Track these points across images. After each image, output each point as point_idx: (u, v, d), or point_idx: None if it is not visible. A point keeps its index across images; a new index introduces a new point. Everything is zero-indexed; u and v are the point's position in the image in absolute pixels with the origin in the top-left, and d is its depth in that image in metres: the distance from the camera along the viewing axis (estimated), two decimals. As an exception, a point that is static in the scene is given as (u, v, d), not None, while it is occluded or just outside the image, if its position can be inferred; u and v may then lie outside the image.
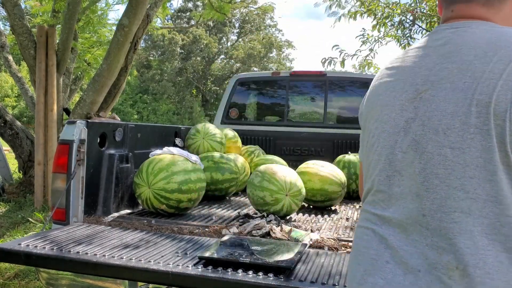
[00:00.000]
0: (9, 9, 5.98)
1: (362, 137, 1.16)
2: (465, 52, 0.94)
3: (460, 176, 0.88)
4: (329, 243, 2.06)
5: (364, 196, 1.08)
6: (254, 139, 4.26)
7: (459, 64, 0.93)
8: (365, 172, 1.11)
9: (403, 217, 0.95)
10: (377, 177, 1.02)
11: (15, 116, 10.93)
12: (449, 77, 0.93)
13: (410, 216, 0.93)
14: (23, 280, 3.50)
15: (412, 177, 0.95)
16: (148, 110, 30.45)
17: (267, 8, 14.55)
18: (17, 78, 7.10)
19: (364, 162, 1.13)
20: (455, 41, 0.98)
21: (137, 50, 6.20)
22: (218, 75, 33.48)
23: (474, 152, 0.87)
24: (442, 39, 1.00)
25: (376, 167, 1.03)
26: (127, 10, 5.28)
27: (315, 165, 2.99)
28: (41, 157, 5.82)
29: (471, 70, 0.90)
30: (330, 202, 2.95)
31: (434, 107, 0.93)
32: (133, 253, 1.81)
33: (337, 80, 4.37)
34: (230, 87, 4.52)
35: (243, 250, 1.80)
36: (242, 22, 34.60)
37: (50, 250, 1.81)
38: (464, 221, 0.87)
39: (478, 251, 0.85)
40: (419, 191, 0.93)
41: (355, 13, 7.15)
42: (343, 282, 1.57)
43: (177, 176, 2.51)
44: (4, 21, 25.07)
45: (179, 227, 2.28)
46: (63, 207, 2.27)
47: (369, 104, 1.11)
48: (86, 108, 5.59)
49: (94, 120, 2.73)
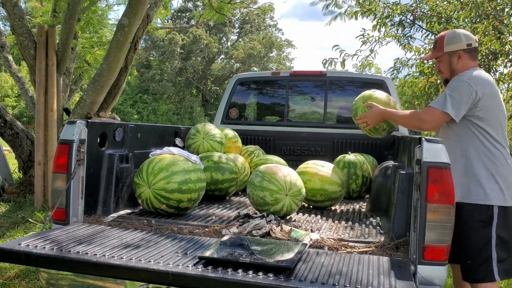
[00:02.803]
0: (9, 9, 5.98)
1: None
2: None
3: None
4: (329, 243, 2.06)
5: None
6: (254, 139, 4.26)
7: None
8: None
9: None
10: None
11: (15, 116, 10.93)
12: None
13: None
14: (23, 280, 3.50)
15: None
16: (148, 110, 30.44)
17: (266, 8, 14.55)
18: (17, 78, 7.10)
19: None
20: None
21: (137, 50, 6.20)
22: (218, 75, 33.46)
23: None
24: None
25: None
26: (127, 10, 5.27)
27: (315, 165, 2.99)
28: (41, 157, 5.82)
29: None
30: (330, 202, 2.95)
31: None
32: (133, 253, 1.81)
33: (337, 80, 4.37)
34: (230, 87, 4.52)
35: (243, 250, 1.80)
36: (242, 22, 34.59)
37: (50, 250, 1.81)
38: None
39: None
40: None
41: (356, 13, 7.15)
42: (343, 282, 1.57)
43: (177, 176, 2.51)
44: (4, 21, 25.06)
45: (179, 227, 2.28)
46: (63, 207, 2.27)
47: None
48: (86, 108, 5.59)
49: (94, 120, 2.73)
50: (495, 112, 2.42)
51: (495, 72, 6.59)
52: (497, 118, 2.43)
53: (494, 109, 2.42)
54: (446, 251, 1.85)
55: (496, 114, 2.43)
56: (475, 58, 2.59)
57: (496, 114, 2.43)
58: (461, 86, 2.39)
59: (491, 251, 2.31)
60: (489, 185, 2.36)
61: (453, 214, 1.85)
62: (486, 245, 2.32)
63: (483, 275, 2.32)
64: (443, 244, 1.84)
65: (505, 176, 2.39)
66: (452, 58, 2.56)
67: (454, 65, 2.56)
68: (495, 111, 2.42)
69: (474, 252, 2.34)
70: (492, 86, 2.45)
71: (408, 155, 2.38)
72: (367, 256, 1.91)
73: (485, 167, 2.38)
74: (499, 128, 2.43)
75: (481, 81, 2.41)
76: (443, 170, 1.86)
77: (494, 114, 2.42)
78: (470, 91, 2.37)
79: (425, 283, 1.81)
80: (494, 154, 2.40)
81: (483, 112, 2.39)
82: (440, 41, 2.60)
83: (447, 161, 1.88)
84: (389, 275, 1.67)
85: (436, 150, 1.89)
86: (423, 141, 1.91)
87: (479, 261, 2.33)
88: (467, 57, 2.55)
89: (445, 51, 2.56)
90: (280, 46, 34.49)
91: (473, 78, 2.41)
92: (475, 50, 2.58)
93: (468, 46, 2.54)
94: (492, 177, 2.38)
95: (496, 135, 2.41)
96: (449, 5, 6.77)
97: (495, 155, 2.40)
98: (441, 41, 2.59)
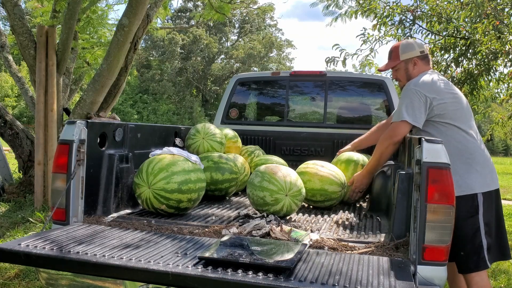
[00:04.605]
0: (9, 9, 5.98)
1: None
2: None
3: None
4: (329, 243, 2.06)
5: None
6: (254, 139, 4.26)
7: None
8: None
9: None
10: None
11: (15, 116, 10.92)
12: None
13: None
14: (23, 280, 3.50)
15: None
16: (148, 110, 30.45)
17: (266, 8, 14.55)
18: (17, 78, 7.10)
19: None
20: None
21: (137, 50, 6.20)
22: (218, 75, 33.47)
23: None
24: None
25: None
26: (127, 10, 5.28)
27: (315, 165, 2.99)
28: (41, 157, 5.82)
29: None
30: (330, 202, 2.95)
31: None
32: (133, 253, 1.81)
33: (337, 80, 4.36)
34: (230, 87, 4.52)
35: (243, 250, 1.80)
36: (242, 22, 34.59)
37: (50, 250, 1.81)
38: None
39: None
40: None
41: (356, 12, 7.15)
42: (343, 282, 1.57)
43: (177, 176, 2.51)
44: (4, 21, 25.06)
45: (179, 227, 2.28)
46: (63, 207, 2.27)
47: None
48: (86, 108, 5.59)
49: (94, 120, 2.73)
50: (454, 106, 2.52)
51: (495, 72, 6.60)
52: (459, 111, 2.53)
53: (453, 104, 2.52)
54: (446, 251, 1.85)
55: (456, 107, 2.53)
56: (428, 63, 2.77)
57: (456, 107, 2.53)
58: (409, 93, 2.55)
59: (481, 239, 2.40)
60: (470, 176, 2.45)
61: (453, 214, 1.85)
62: (475, 233, 2.40)
63: (477, 263, 2.40)
64: (443, 244, 1.84)
65: (482, 162, 2.49)
66: (408, 65, 2.75)
67: (410, 72, 2.74)
68: (454, 105, 2.53)
69: (466, 242, 2.41)
70: (441, 84, 2.57)
71: (408, 155, 2.39)
72: (367, 256, 1.91)
73: (462, 161, 2.46)
74: (464, 119, 2.53)
75: (426, 83, 2.55)
76: (443, 170, 1.86)
77: (454, 108, 2.52)
78: (418, 96, 2.51)
79: (425, 283, 1.81)
80: (467, 146, 2.49)
81: (442, 109, 2.50)
82: (396, 51, 2.78)
83: (447, 161, 1.88)
84: (389, 275, 1.67)
85: (436, 150, 1.90)
86: (422, 142, 1.91)
87: (472, 251, 2.40)
88: (422, 63, 2.74)
89: (401, 59, 2.75)
90: (280, 46, 34.50)
91: (418, 84, 2.56)
92: (427, 56, 2.78)
93: (421, 53, 2.73)
94: (471, 168, 2.46)
95: (464, 127, 2.51)
96: (449, 5, 6.77)
97: (468, 146, 2.49)
98: (396, 51, 2.78)
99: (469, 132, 2.52)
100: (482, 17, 5.96)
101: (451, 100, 2.53)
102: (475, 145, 2.50)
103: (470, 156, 2.48)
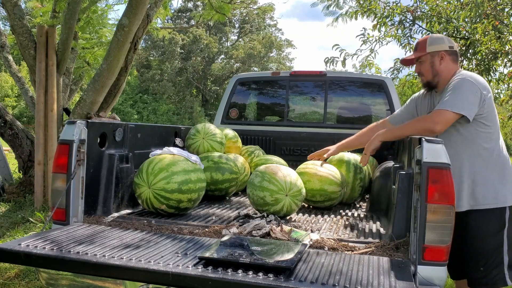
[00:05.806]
0: (9, 9, 5.98)
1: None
2: None
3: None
4: (329, 243, 2.06)
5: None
6: (254, 139, 4.26)
7: None
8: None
9: None
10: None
11: (15, 116, 10.92)
12: None
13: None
14: (23, 280, 3.50)
15: None
16: (148, 110, 30.44)
17: (266, 8, 14.54)
18: (17, 78, 7.10)
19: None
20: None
21: (137, 50, 6.20)
22: (218, 75, 33.47)
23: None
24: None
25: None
26: (127, 10, 5.27)
27: (315, 165, 2.99)
28: (41, 157, 5.82)
29: None
30: (330, 202, 2.95)
31: None
32: (133, 253, 1.81)
33: (337, 80, 4.37)
34: (230, 87, 4.52)
35: (243, 250, 1.80)
36: (242, 22, 34.60)
37: (50, 250, 1.81)
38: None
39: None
40: None
41: (356, 13, 7.15)
42: (343, 282, 1.57)
43: (177, 176, 2.51)
44: (4, 21, 25.06)
45: (179, 227, 2.28)
46: (63, 207, 2.27)
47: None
48: (86, 108, 5.59)
49: (94, 120, 2.73)
50: (495, 112, 2.42)
51: (495, 72, 6.60)
52: (496, 118, 2.43)
53: (494, 109, 2.41)
54: (446, 251, 1.85)
55: (495, 114, 2.43)
56: (457, 62, 2.57)
57: (495, 114, 2.42)
58: (466, 84, 2.34)
59: (503, 255, 2.30)
60: (501, 188, 2.34)
61: (453, 214, 1.85)
62: (498, 249, 2.31)
63: (494, 280, 2.30)
64: (443, 244, 1.84)
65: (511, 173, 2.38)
66: (434, 58, 2.53)
67: (436, 66, 2.52)
68: (495, 111, 2.42)
69: (487, 258, 2.31)
70: (488, 86, 2.44)
71: (408, 155, 2.38)
72: (367, 257, 1.91)
73: (495, 170, 2.35)
74: (498, 128, 2.43)
75: (480, 80, 2.40)
76: (443, 171, 1.86)
77: (494, 114, 2.41)
78: (475, 89, 2.32)
79: (425, 284, 1.81)
80: (500, 155, 2.39)
81: (487, 112, 2.35)
82: (423, 43, 2.58)
83: (447, 161, 1.88)
84: (389, 275, 1.67)
85: (436, 150, 1.89)
86: (423, 142, 1.91)
87: (492, 266, 2.30)
88: (449, 59, 2.52)
89: (428, 51, 2.54)
90: (280, 46, 34.50)
91: (473, 77, 2.38)
92: (456, 54, 2.56)
93: (450, 48, 2.53)
94: (503, 179, 2.35)
95: (497, 136, 2.40)
96: (449, 5, 6.78)
97: (501, 156, 2.39)
98: (423, 43, 2.57)
99: (501, 143, 2.41)
100: (482, 17, 5.97)
101: (493, 105, 2.39)
102: (506, 154, 2.39)
103: (503, 168, 2.36)
